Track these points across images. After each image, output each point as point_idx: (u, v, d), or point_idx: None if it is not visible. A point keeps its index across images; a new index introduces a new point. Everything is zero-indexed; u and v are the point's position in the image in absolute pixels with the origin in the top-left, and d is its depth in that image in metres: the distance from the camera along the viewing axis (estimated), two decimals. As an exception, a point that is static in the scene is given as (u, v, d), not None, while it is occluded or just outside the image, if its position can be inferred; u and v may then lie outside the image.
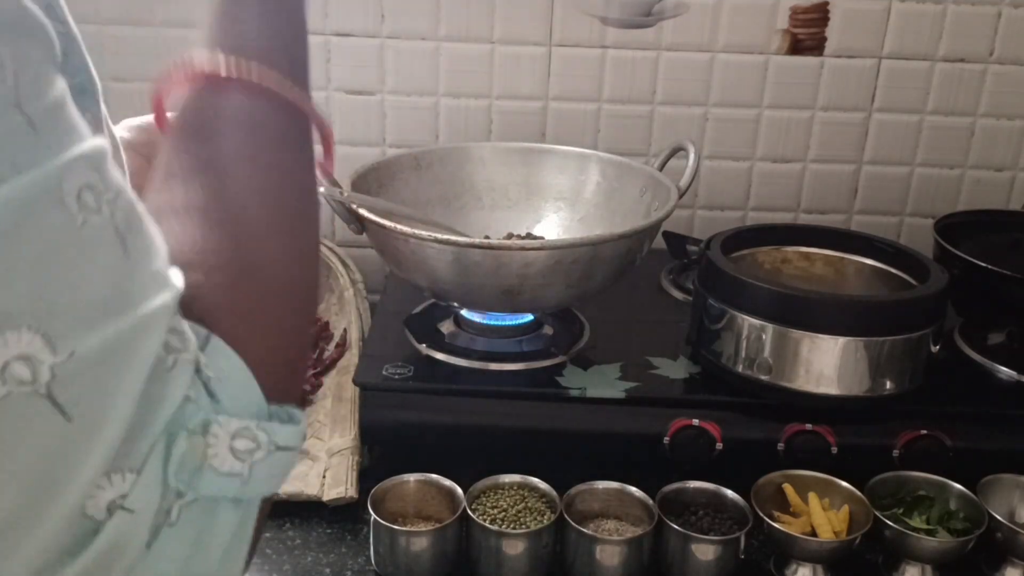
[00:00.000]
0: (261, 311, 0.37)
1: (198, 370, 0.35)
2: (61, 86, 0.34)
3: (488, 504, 0.89)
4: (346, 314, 1.17)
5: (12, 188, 0.30)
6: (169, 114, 0.43)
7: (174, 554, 0.35)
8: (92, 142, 0.34)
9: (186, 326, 0.35)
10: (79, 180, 0.32)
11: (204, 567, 0.36)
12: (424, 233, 0.94)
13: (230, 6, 0.42)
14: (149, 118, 0.47)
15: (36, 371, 0.31)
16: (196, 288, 0.36)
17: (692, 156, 1.14)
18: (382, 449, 1.01)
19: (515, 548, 0.86)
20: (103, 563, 0.34)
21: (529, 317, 1.11)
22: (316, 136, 0.47)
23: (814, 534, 0.88)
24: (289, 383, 0.38)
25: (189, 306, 0.36)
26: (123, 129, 0.60)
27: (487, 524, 0.86)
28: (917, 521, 0.90)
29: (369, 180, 1.11)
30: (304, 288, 0.41)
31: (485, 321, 1.10)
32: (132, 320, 0.33)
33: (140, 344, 0.33)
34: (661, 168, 1.18)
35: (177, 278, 0.35)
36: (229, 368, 0.36)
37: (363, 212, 0.99)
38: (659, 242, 1.16)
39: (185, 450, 0.34)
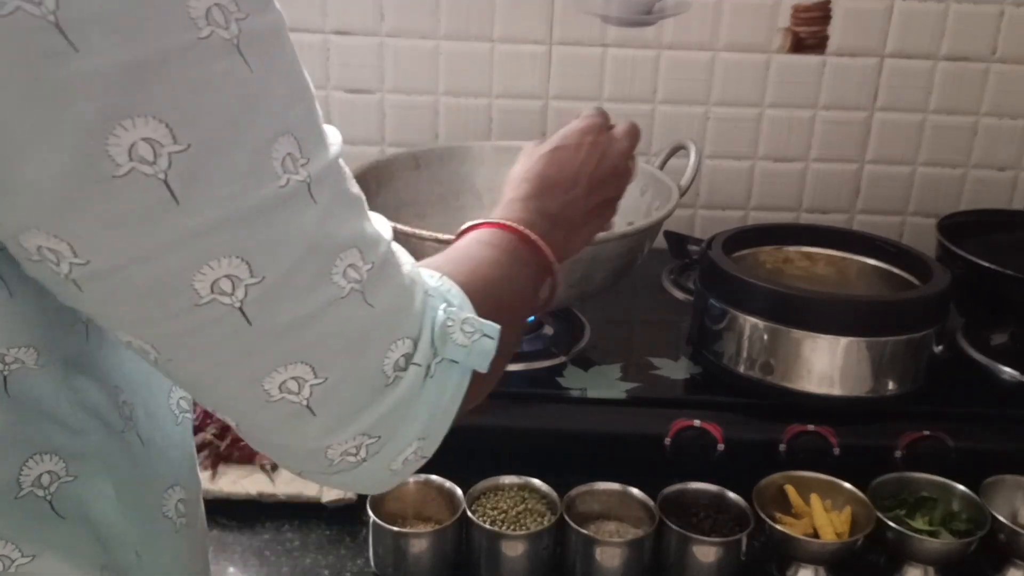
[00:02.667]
0: (496, 315, 0.55)
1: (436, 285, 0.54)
2: None
3: (488, 505, 0.89)
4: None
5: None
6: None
7: (428, 400, 0.50)
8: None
9: (406, 256, 0.52)
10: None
11: (439, 414, 0.51)
12: (425, 233, 0.94)
13: (550, 228, 0.67)
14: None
15: (361, 274, 0.46)
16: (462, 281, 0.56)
17: (693, 155, 1.14)
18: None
19: (515, 550, 0.86)
20: (400, 404, 0.48)
21: (529, 317, 1.11)
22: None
23: (816, 535, 0.88)
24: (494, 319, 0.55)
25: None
26: None
27: (487, 526, 0.86)
28: (920, 522, 0.90)
29: (368, 179, 1.11)
30: (517, 321, 0.63)
31: (485, 321, 1.09)
32: (385, 244, 0.49)
33: (399, 254, 0.51)
34: (662, 167, 1.17)
35: (385, 229, 0.50)
36: (455, 290, 0.54)
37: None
38: (660, 242, 1.16)
39: (442, 321, 0.50)
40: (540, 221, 0.67)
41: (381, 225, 0.50)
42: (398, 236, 0.95)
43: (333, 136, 0.47)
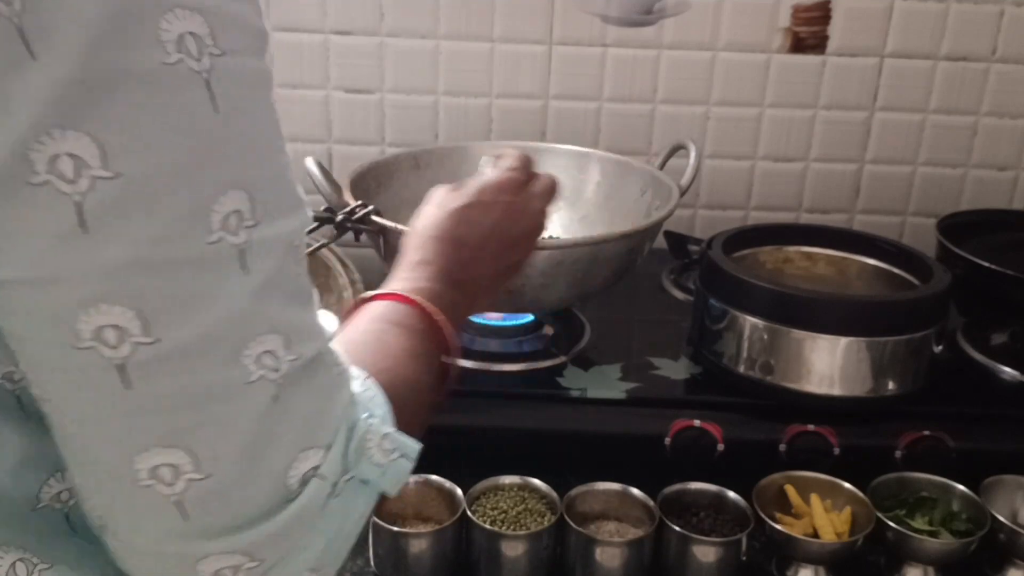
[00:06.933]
0: (411, 421, 0.52)
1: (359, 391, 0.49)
2: None
3: (488, 505, 0.89)
4: (345, 314, 1.17)
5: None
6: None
7: (330, 524, 0.45)
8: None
9: (342, 356, 0.48)
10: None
11: (339, 542, 0.46)
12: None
13: (445, 293, 0.63)
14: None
15: (279, 364, 0.41)
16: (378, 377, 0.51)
17: (693, 155, 1.14)
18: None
19: (515, 550, 0.86)
20: (294, 524, 0.43)
21: (529, 317, 1.11)
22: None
23: (816, 535, 0.88)
24: (409, 430, 0.51)
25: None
26: None
27: (487, 526, 0.86)
28: (919, 522, 0.90)
29: (368, 180, 1.11)
30: (422, 417, 0.57)
31: (485, 321, 1.09)
32: (321, 343, 0.45)
33: (334, 354, 0.46)
34: (662, 167, 1.17)
35: (329, 325, 0.47)
36: (380, 398, 0.49)
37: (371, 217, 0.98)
38: (660, 242, 1.16)
39: (362, 434, 0.46)
40: (444, 292, 0.63)
41: (325, 321, 0.46)
42: (398, 237, 0.96)
43: (296, 216, 0.43)
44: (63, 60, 0.34)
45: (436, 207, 0.70)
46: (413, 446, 0.49)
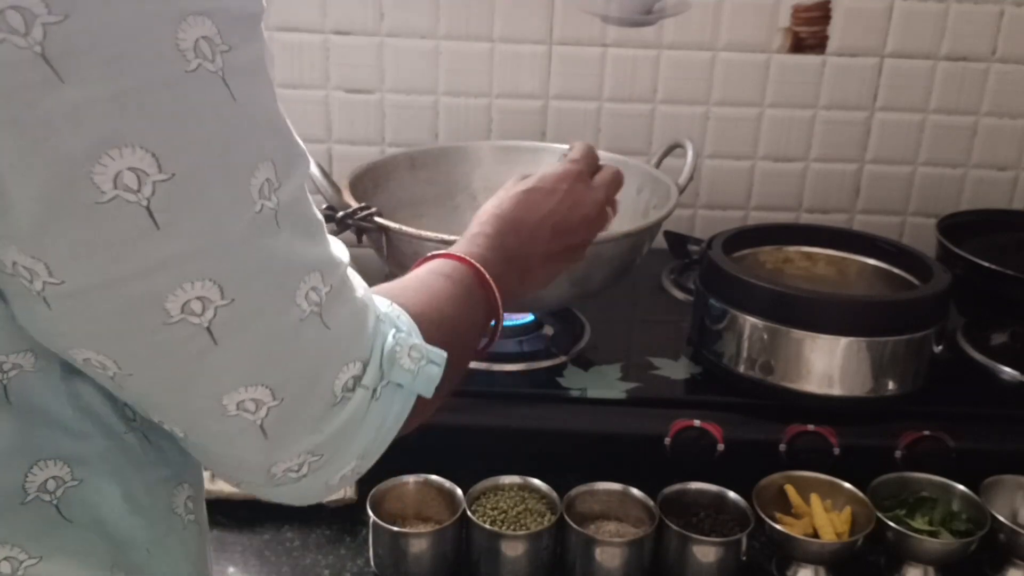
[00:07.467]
0: (445, 346, 0.58)
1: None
2: None
3: (488, 505, 0.89)
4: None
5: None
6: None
7: (372, 422, 0.52)
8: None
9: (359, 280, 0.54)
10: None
11: (381, 435, 0.53)
12: (426, 233, 0.94)
13: (499, 268, 0.68)
14: None
15: (320, 296, 0.47)
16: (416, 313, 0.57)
17: (690, 153, 1.14)
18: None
19: (515, 550, 0.85)
20: (347, 425, 0.50)
21: (530, 317, 1.11)
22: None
23: (816, 535, 0.88)
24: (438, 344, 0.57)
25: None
26: None
27: (487, 525, 0.86)
28: (919, 522, 0.90)
29: (366, 180, 1.11)
30: (466, 355, 0.66)
31: (485, 321, 1.09)
32: (343, 267, 0.51)
33: (353, 278, 0.52)
34: (658, 165, 1.17)
35: (343, 253, 0.52)
36: (405, 316, 0.56)
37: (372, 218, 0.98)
38: (660, 242, 1.16)
39: (391, 346, 0.52)
40: (497, 260, 0.69)
41: (339, 249, 0.52)
42: (400, 238, 0.96)
43: (302, 163, 0.48)
44: (92, 80, 0.37)
45: (504, 190, 0.77)
46: (439, 353, 0.55)
